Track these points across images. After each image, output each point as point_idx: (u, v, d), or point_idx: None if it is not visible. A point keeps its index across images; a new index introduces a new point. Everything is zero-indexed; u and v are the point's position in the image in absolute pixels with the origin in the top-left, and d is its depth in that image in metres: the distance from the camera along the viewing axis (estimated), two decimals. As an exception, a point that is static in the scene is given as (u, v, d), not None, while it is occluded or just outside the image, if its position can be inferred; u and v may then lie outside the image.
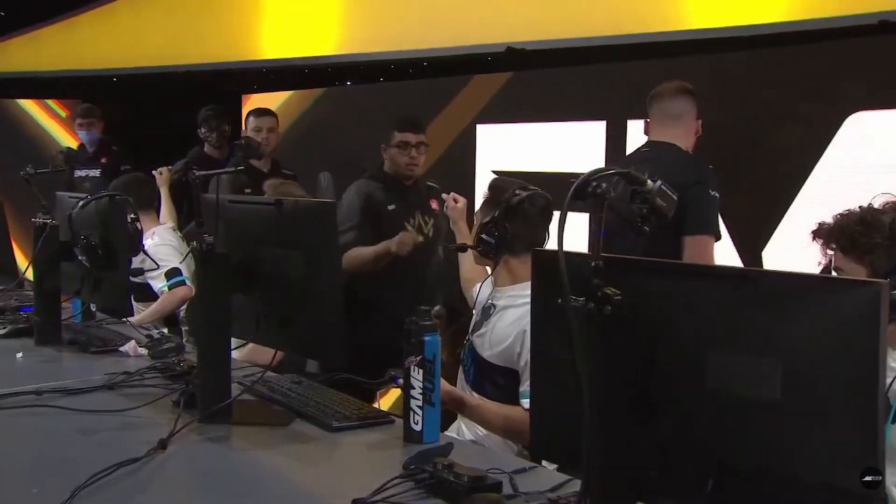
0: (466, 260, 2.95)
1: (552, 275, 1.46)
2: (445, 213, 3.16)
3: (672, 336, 1.29)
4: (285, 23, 6.91)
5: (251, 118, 4.64)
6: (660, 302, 1.30)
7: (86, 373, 2.47)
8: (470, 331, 2.62)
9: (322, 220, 2.00)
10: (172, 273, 3.57)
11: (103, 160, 5.54)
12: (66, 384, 2.33)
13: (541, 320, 1.55)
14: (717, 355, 1.25)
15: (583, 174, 1.31)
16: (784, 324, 1.18)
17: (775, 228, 3.36)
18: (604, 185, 1.28)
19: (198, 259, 2.02)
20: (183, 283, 3.60)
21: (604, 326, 1.28)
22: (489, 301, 2.57)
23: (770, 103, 3.43)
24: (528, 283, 2.46)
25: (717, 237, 2.97)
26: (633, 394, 1.32)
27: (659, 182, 1.32)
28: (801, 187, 3.32)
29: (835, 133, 3.24)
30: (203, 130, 5.04)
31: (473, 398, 2.41)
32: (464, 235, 3.01)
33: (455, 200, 3.11)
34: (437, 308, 3.15)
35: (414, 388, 1.94)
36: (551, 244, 3.20)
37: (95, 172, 5.50)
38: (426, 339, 1.93)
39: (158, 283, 3.60)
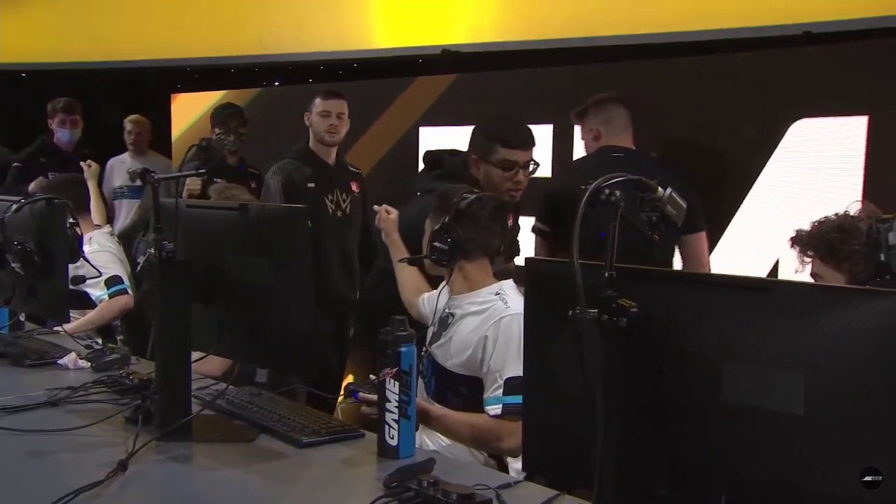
0: (406, 273, 2.84)
1: (550, 285, 1.42)
2: (377, 225, 2.97)
3: (686, 347, 1.25)
4: (212, 20, 6.71)
5: (318, 100, 3.90)
6: (673, 313, 1.26)
7: (23, 388, 2.30)
8: (427, 342, 2.56)
9: (291, 226, 1.91)
10: (113, 281, 3.38)
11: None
12: (3, 401, 2.17)
13: (536, 333, 1.49)
14: (733, 367, 1.22)
15: (593, 182, 1.26)
16: (807, 336, 1.15)
17: (723, 233, 3.41)
18: (617, 192, 1.24)
19: (157, 267, 1.90)
20: (124, 291, 3.42)
21: (618, 339, 1.24)
22: (446, 310, 2.51)
23: (717, 109, 3.47)
24: (485, 289, 2.46)
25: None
26: (646, 407, 1.28)
27: (669, 189, 1.29)
28: (748, 192, 3.37)
29: (780, 139, 3.30)
30: (218, 132, 4.30)
31: (437, 408, 2.35)
32: (398, 248, 2.88)
33: (387, 212, 2.93)
34: None
35: (389, 401, 1.87)
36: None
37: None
38: (402, 349, 1.86)
39: (97, 292, 3.41)
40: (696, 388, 1.25)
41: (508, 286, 2.44)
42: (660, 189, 1.29)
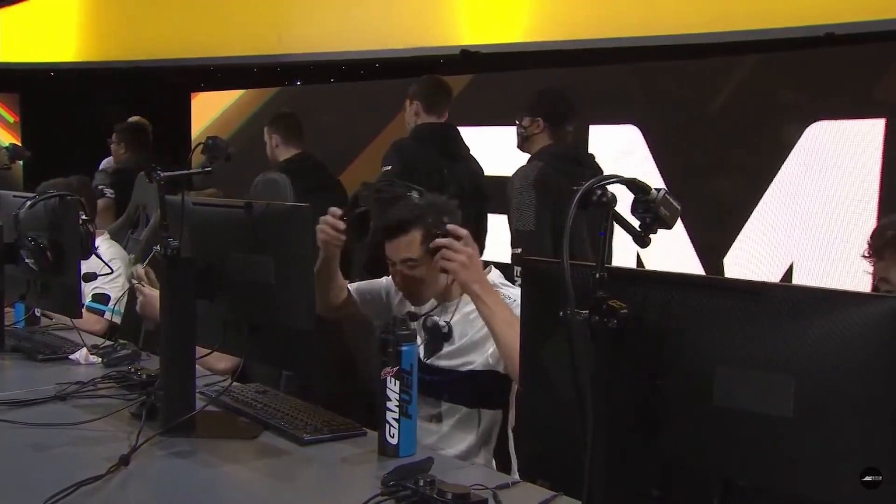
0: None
1: (547, 286, 1.42)
2: None
3: (678, 350, 1.25)
4: (234, 19, 6.77)
5: None
6: (665, 314, 1.25)
7: (34, 382, 2.32)
8: (422, 357, 2.33)
9: (294, 224, 1.92)
10: (99, 299, 3.28)
11: None
12: (12, 395, 2.19)
13: (532, 333, 1.49)
14: (725, 370, 1.21)
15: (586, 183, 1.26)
16: (798, 339, 1.14)
17: (737, 235, 3.38)
18: (609, 193, 1.24)
19: (162, 264, 1.91)
20: (101, 313, 3.26)
21: (608, 340, 1.23)
22: (432, 319, 2.34)
23: (732, 111, 3.44)
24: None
25: None
26: (636, 409, 1.28)
27: (663, 191, 1.28)
28: (762, 195, 3.34)
29: (796, 142, 3.27)
30: None
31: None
32: None
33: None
34: None
35: (390, 400, 1.87)
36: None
37: None
38: (403, 348, 1.87)
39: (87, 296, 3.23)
40: (688, 391, 1.24)
41: (495, 275, 2.39)
42: (653, 190, 1.28)
